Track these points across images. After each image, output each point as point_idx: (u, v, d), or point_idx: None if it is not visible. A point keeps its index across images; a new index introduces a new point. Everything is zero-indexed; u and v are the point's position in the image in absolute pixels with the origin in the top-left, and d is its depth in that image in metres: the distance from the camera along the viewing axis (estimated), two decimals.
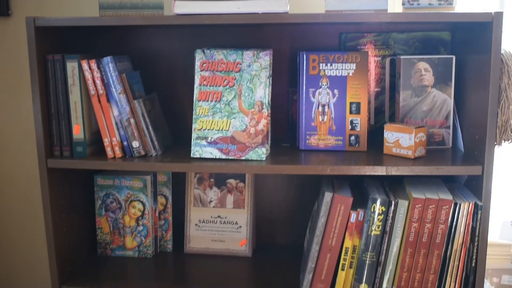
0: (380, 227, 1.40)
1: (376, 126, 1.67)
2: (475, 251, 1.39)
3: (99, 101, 1.48)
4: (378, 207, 1.39)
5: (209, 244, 1.74)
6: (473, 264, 1.40)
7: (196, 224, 1.74)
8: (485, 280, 1.45)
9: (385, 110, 1.66)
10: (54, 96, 1.48)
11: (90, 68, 1.46)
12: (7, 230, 2.02)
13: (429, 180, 1.52)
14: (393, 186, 1.52)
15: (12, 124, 1.92)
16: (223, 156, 1.44)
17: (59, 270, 1.54)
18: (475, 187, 1.43)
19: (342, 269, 1.45)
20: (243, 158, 1.43)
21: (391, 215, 1.39)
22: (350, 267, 1.44)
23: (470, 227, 1.38)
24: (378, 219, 1.40)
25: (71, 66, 1.46)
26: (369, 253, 1.41)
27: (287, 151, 1.54)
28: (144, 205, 1.70)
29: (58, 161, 1.48)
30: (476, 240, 1.39)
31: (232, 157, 1.44)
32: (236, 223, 1.73)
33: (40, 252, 2.00)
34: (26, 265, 2.05)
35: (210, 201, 1.74)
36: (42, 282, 2.03)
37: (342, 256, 1.44)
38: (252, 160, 1.43)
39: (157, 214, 1.74)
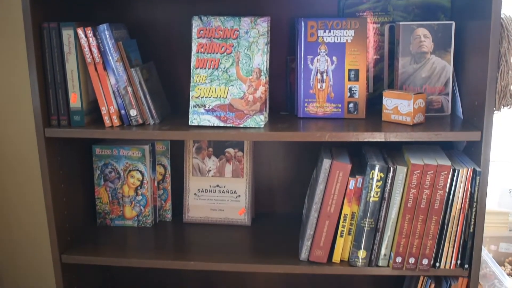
0: (379, 193, 1.40)
1: (375, 94, 1.66)
2: (473, 217, 1.40)
3: (96, 70, 1.46)
4: (376, 174, 1.39)
5: (208, 213, 1.75)
6: (471, 230, 1.41)
7: (195, 194, 1.75)
8: (482, 247, 1.46)
9: (384, 77, 1.65)
10: (50, 65, 1.47)
11: (86, 36, 1.44)
12: (6, 201, 2.03)
13: (428, 147, 1.52)
14: (392, 153, 1.52)
15: (8, 94, 1.91)
16: (221, 124, 1.43)
17: (58, 239, 1.55)
18: (474, 153, 1.43)
19: (341, 236, 1.45)
20: (241, 125, 1.43)
21: (389, 181, 1.39)
22: (349, 234, 1.45)
23: (468, 193, 1.39)
24: (377, 186, 1.40)
25: (67, 34, 1.45)
26: (367, 220, 1.42)
27: (286, 119, 1.54)
28: (142, 174, 1.70)
29: (56, 130, 1.47)
30: (474, 206, 1.39)
31: (230, 125, 1.43)
32: (235, 192, 1.73)
33: (40, 222, 2.01)
34: (26, 235, 2.06)
35: (209, 171, 1.74)
36: (43, 251, 2.04)
37: (341, 223, 1.44)
38: (250, 128, 1.42)
39: (156, 184, 1.74)
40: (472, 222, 1.40)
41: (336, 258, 1.47)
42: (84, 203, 1.73)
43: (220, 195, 1.74)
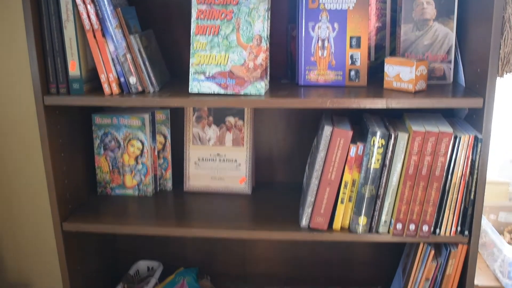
0: (380, 160, 1.40)
1: (377, 63, 1.64)
2: (474, 184, 1.40)
3: (95, 37, 1.45)
4: (378, 140, 1.38)
5: (208, 182, 1.75)
6: (472, 197, 1.41)
7: (195, 163, 1.74)
8: (482, 216, 1.47)
9: (386, 45, 1.63)
10: (48, 32, 1.45)
11: (84, 2, 1.42)
12: (7, 171, 2.03)
13: (429, 115, 1.51)
14: (393, 121, 1.51)
15: (7, 63, 1.90)
16: (222, 91, 1.42)
17: (59, 207, 1.55)
18: (476, 121, 1.42)
19: (341, 203, 1.45)
20: (242, 92, 1.42)
21: (390, 148, 1.39)
22: (349, 201, 1.45)
23: (469, 160, 1.38)
24: (378, 153, 1.39)
25: (65, 1, 1.42)
26: (368, 186, 1.42)
27: (286, 87, 1.53)
28: (143, 143, 1.69)
29: (55, 98, 1.46)
30: (475, 173, 1.39)
31: (231, 92, 1.42)
32: (236, 161, 1.73)
33: (41, 191, 2.01)
34: (28, 204, 2.06)
35: (209, 139, 1.73)
36: (44, 220, 2.05)
37: (342, 190, 1.44)
38: (250, 95, 1.41)
39: (156, 153, 1.74)
40: (473, 189, 1.40)
41: (337, 225, 1.47)
42: (85, 172, 1.72)
43: (220, 164, 1.73)
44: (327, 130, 1.40)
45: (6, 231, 2.13)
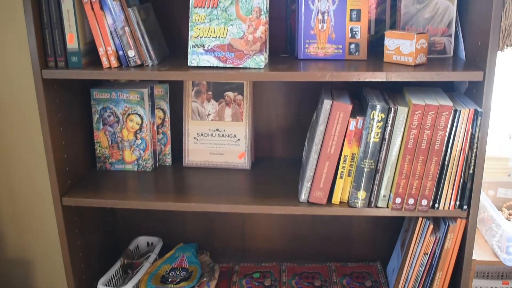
0: (379, 134, 1.40)
1: (376, 37, 1.63)
2: (473, 158, 1.40)
3: (92, 9, 1.43)
4: (377, 114, 1.38)
5: (207, 157, 1.75)
6: (471, 171, 1.41)
7: (194, 138, 1.74)
8: (481, 192, 1.47)
9: (386, 19, 1.62)
10: (46, 5, 1.43)
11: None
12: (6, 147, 2.02)
13: (429, 89, 1.51)
14: (393, 95, 1.51)
15: (4, 37, 1.88)
16: (221, 64, 1.41)
17: (59, 182, 1.55)
18: (476, 95, 1.42)
19: (341, 177, 1.45)
20: (241, 66, 1.41)
21: (390, 122, 1.39)
22: (349, 175, 1.45)
23: (469, 134, 1.38)
24: (377, 126, 1.39)
25: None
26: (367, 161, 1.42)
27: (286, 61, 1.52)
28: (141, 118, 1.69)
29: (53, 71, 1.45)
30: (474, 147, 1.39)
31: (230, 65, 1.41)
32: (235, 136, 1.72)
33: (41, 166, 2.01)
34: (27, 179, 2.06)
35: (208, 114, 1.73)
36: (44, 195, 2.05)
37: (341, 164, 1.44)
38: (250, 68, 1.40)
39: (155, 128, 1.73)
40: (472, 164, 1.40)
41: (336, 199, 1.47)
42: (84, 147, 1.72)
43: (219, 139, 1.73)
44: (326, 104, 1.40)
45: (6, 207, 2.13)
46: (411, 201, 1.43)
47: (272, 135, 1.84)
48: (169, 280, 1.75)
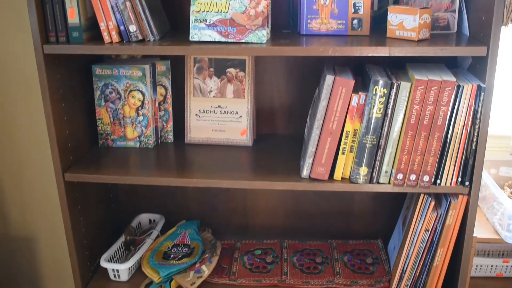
0: (382, 110, 1.39)
1: (379, 12, 1.62)
2: (475, 134, 1.39)
3: None
4: (380, 89, 1.37)
5: (209, 134, 1.74)
6: (473, 147, 1.41)
7: (196, 114, 1.74)
8: (483, 170, 1.46)
9: None
10: None
11: None
12: (9, 124, 2.02)
13: (432, 65, 1.50)
14: (396, 71, 1.50)
15: (6, 12, 1.87)
16: (223, 39, 1.40)
17: (61, 158, 1.55)
18: (479, 71, 1.41)
19: (343, 153, 1.45)
20: (243, 41, 1.40)
21: (393, 97, 1.38)
22: (351, 151, 1.45)
23: (472, 109, 1.38)
24: (380, 102, 1.38)
25: None
26: (369, 136, 1.41)
27: (288, 36, 1.51)
28: (143, 94, 1.68)
29: (54, 46, 1.45)
30: (477, 123, 1.38)
31: (232, 40, 1.40)
32: (237, 112, 1.72)
33: (43, 142, 2.01)
34: (30, 155, 2.07)
35: (210, 91, 1.72)
36: (47, 172, 2.06)
37: (343, 140, 1.44)
38: (252, 43, 1.39)
39: (157, 105, 1.73)
40: (475, 140, 1.40)
41: (337, 175, 1.47)
42: (86, 124, 1.72)
43: (221, 115, 1.73)
44: (329, 79, 1.39)
45: (10, 185, 2.14)
46: (413, 177, 1.43)
47: (274, 112, 1.83)
48: (171, 256, 1.76)
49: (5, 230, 2.23)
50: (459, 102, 1.37)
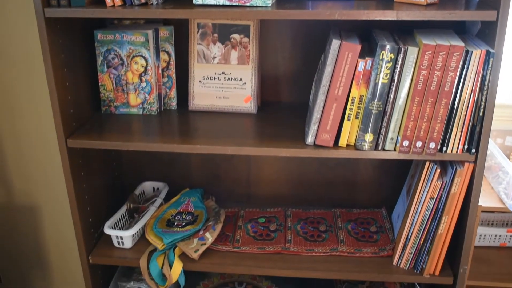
0: (388, 75, 1.37)
1: None
2: (483, 100, 1.37)
3: None
4: (387, 55, 1.35)
5: (213, 101, 1.73)
6: (481, 114, 1.39)
7: (200, 81, 1.72)
8: (489, 139, 1.45)
9: None
10: None
11: None
12: (9, 89, 2.01)
13: (441, 31, 1.47)
14: (403, 37, 1.47)
15: None
16: (227, 2, 1.38)
17: (64, 124, 1.53)
18: (488, 36, 1.38)
19: (348, 119, 1.43)
20: (248, 4, 1.37)
21: (400, 62, 1.36)
22: (356, 118, 1.43)
23: (480, 75, 1.35)
24: (387, 67, 1.36)
25: None
26: (375, 102, 1.40)
27: (293, 0, 1.48)
28: (146, 60, 1.66)
29: (56, 10, 1.42)
30: (485, 89, 1.36)
31: (236, 3, 1.37)
32: (241, 79, 1.70)
33: (45, 110, 2.00)
34: (31, 121, 2.06)
35: (214, 57, 1.70)
36: (49, 138, 2.05)
37: (348, 106, 1.42)
38: (257, 6, 1.37)
39: (160, 71, 1.71)
40: (482, 106, 1.38)
41: (343, 142, 1.46)
42: (88, 90, 1.70)
43: (225, 82, 1.71)
44: (335, 43, 1.36)
45: (13, 154, 2.13)
46: (418, 144, 1.42)
47: (279, 79, 1.81)
48: (175, 224, 1.76)
49: (8, 200, 2.23)
50: (467, 68, 1.34)
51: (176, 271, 1.63)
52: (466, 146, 1.43)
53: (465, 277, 1.60)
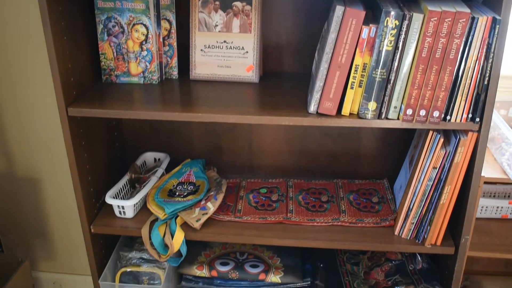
0: (393, 42, 1.35)
1: None
2: (488, 68, 1.36)
3: None
4: (391, 21, 1.33)
5: (215, 70, 1.71)
6: (486, 82, 1.37)
7: (201, 50, 1.70)
8: (493, 110, 1.43)
9: None
10: None
11: None
12: (9, 59, 1.99)
13: None
14: (408, 4, 1.44)
15: None
16: None
17: (64, 92, 1.51)
18: (495, 3, 1.36)
19: (351, 88, 1.42)
20: None
21: (404, 29, 1.34)
22: (360, 86, 1.42)
23: (485, 43, 1.33)
24: (391, 34, 1.34)
25: None
26: (379, 70, 1.38)
27: None
28: (147, 28, 1.64)
29: None
30: (490, 57, 1.34)
31: None
32: (243, 48, 1.68)
33: (45, 79, 1.99)
34: (33, 94, 2.04)
35: (216, 26, 1.67)
36: (50, 110, 2.04)
37: (352, 74, 1.40)
38: None
39: (161, 39, 1.69)
40: (487, 74, 1.36)
41: (346, 110, 1.45)
42: (89, 59, 1.68)
43: (227, 51, 1.69)
44: (338, 10, 1.34)
45: (13, 125, 2.12)
46: (422, 112, 1.40)
47: (281, 49, 1.79)
48: (177, 193, 1.76)
49: (9, 171, 2.23)
50: (473, 35, 1.32)
51: (178, 240, 1.63)
52: (470, 115, 1.42)
53: (467, 247, 1.61)
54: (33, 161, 2.19)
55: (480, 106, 1.40)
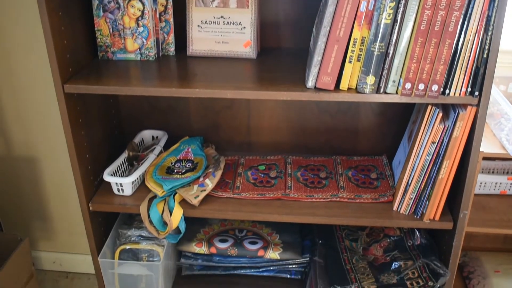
0: (391, 15, 1.34)
1: None
2: (488, 41, 1.34)
3: None
4: None
5: (212, 46, 1.69)
6: (485, 56, 1.36)
7: (198, 26, 1.68)
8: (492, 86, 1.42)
9: None
10: None
11: None
12: (3, 41, 1.97)
13: None
14: None
15: None
16: None
17: (60, 69, 1.50)
18: None
19: (350, 62, 1.41)
20: None
21: (403, 2, 1.32)
22: (358, 60, 1.40)
23: (485, 15, 1.32)
24: (390, 7, 1.33)
25: None
26: (377, 44, 1.37)
27: None
28: (143, 4, 1.62)
29: None
30: (490, 30, 1.33)
31: None
32: (240, 24, 1.66)
33: (40, 56, 1.97)
34: (29, 72, 2.03)
35: (213, 1, 1.66)
36: (47, 88, 2.03)
37: (350, 48, 1.39)
38: None
39: (157, 15, 1.67)
40: (487, 47, 1.35)
41: (344, 85, 1.43)
42: (85, 35, 1.67)
43: (224, 27, 1.67)
44: None
45: (10, 103, 2.11)
46: (421, 86, 1.39)
47: (279, 25, 1.77)
48: (175, 171, 1.76)
49: (7, 151, 2.22)
50: (472, 7, 1.31)
51: (177, 217, 1.63)
52: (469, 89, 1.41)
53: (465, 223, 1.61)
54: (31, 141, 2.19)
55: (479, 80, 1.39)
